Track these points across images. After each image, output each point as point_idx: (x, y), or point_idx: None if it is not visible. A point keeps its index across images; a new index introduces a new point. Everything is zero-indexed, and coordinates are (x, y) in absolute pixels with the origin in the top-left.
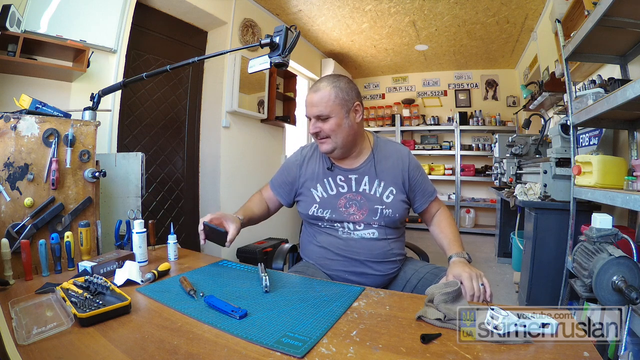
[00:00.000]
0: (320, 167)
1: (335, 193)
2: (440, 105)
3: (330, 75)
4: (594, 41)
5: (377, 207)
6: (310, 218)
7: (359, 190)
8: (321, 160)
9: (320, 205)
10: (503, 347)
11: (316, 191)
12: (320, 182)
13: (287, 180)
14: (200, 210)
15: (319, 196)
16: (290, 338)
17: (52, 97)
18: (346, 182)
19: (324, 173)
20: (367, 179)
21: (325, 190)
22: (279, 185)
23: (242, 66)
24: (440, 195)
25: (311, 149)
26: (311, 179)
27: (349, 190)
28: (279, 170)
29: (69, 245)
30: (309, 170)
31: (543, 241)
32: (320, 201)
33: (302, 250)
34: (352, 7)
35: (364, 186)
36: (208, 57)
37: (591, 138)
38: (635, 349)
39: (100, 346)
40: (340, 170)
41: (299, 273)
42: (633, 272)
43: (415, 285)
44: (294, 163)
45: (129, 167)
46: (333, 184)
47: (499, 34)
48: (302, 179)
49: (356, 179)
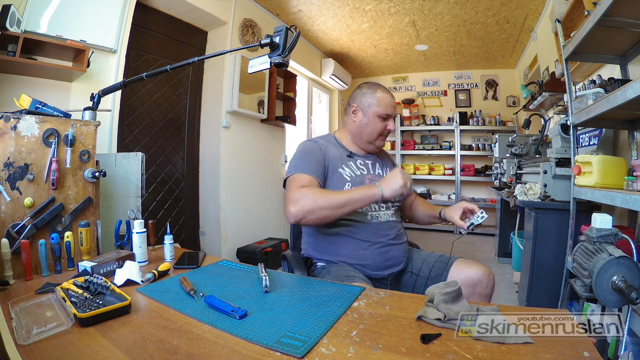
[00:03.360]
0: (342, 152)
1: (360, 174)
2: (440, 105)
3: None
4: (594, 41)
5: None
6: None
7: (375, 172)
8: (338, 147)
9: (353, 184)
10: (503, 347)
11: (344, 171)
12: (345, 164)
13: (320, 162)
14: (200, 210)
15: (349, 175)
16: (290, 338)
17: (52, 97)
18: (365, 166)
19: (345, 157)
20: (378, 164)
21: (352, 171)
22: (317, 169)
23: (242, 66)
24: (440, 195)
25: (322, 139)
26: (334, 160)
27: (369, 172)
28: (304, 158)
29: (69, 245)
30: (330, 154)
31: (543, 241)
32: (351, 180)
33: (319, 252)
34: (352, 7)
35: (378, 170)
36: (208, 57)
37: (591, 138)
38: (635, 349)
39: (100, 346)
40: (358, 156)
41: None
42: (633, 272)
43: (428, 275)
44: (314, 147)
45: (129, 167)
46: (355, 167)
47: (499, 34)
48: (326, 161)
49: (371, 164)
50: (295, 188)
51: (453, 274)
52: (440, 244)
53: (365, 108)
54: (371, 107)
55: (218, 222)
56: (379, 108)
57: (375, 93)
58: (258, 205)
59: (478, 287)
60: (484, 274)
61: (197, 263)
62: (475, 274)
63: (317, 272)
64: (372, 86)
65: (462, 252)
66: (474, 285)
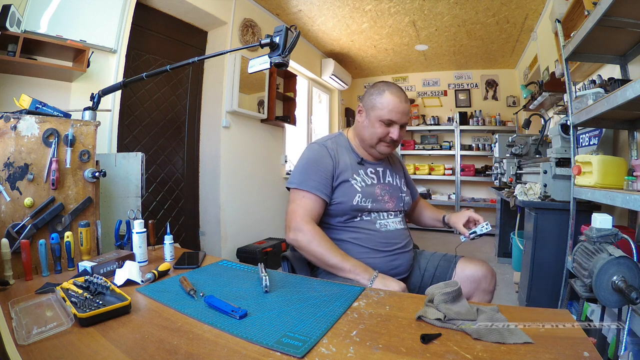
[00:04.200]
0: (353, 159)
1: (371, 183)
2: (440, 105)
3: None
4: (594, 41)
5: (400, 194)
6: (353, 209)
7: (385, 180)
8: (349, 153)
9: (363, 195)
10: (503, 347)
11: (355, 181)
12: (356, 173)
13: (327, 175)
14: (200, 210)
15: (360, 186)
16: (290, 338)
17: (52, 97)
18: (375, 174)
19: (357, 165)
20: (388, 171)
21: (363, 180)
22: (323, 184)
23: (242, 66)
24: (440, 195)
25: (333, 142)
26: (345, 170)
27: (379, 181)
28: (311, 169)
29: (69, 245)
30: (342, 162)
31: (543, 241)
32: (362, 191)
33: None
34: (352, 7)
35: (388, 177)
36: (208, 57)
37: (591, 138)
38: (635, 349)
39: (100, 346)
40: (368, 164)
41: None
42: (633, 272)
43: (433, 274)
44: (323, 155)
45: (129, 167)
46: (366, 175)
47: (499, 34)
48: (337, 171)
49: (382, 171)
50: (301, 216)
51: (459, 271)
52: (440, 244)
53: (368, 109)
54: (374, 109)
55: (218, 222)
56: (382, 112)
57: (382, 94)
58: (258, 205)
59: (482, 284)
60: (487, 271)
61: (197, 263)
62: (480, 270)
63: (319, 275)
64: (383, 86)
65: (462, 251)
66: (479, 281)
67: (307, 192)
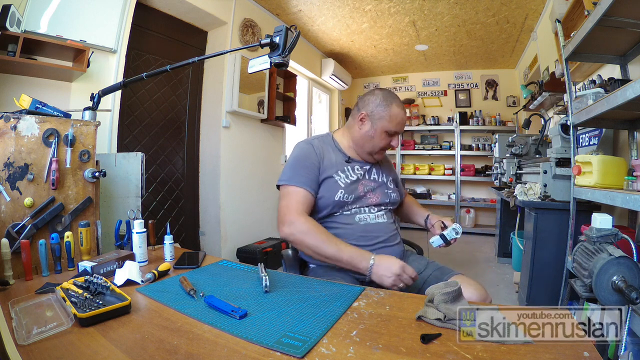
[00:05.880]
0: (339, 158)
1: (355, 179)
2: (440, 105)
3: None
4: (594, 41)
5: (386, 190)
6: (335, 205)
7: (371, 177)
8: (336, 152)
9: (346, 191)
10: (503, 347)
11: (339, 177)
12: (341, 170)
13: (314, 170)
14: (200, 210)
15: (343, 182)
16: (290, 338)
17: (52, 97)
18: (362, 170)
19: (343, 163)
20: (375, 169)
21: (347, 177)
22: (311, 179)
23: (242, 66)
24: (440, 195)
25: (320, 141)
26: (330, 167)
27: (364, 177)
28: (298, 165)
29: (69, 245)
30: (327, 159)
31: (543, 241)
32: (344, 186)
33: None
34: (352, 7)
35: (374, 175)
36: (208, 57)
37: (591, 138)
38: (635, 349)
39: (100, 346)
40: (356, 162)
41: (323, 277)
42: (633, 272)
43: (420, 288)
44: (310, 152)
45: (129, 167)
46: (352, 172)
47: (499, 34)
48: (322, 167)
49: (368, 170)
50: (294, 210)
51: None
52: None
53: (375, 120)
54: (382, 120)
55: (218, 222)
56: (390, 125)
57: (390, 107)
58: (258, 205)
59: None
60: (481, 296)
61: (197, 263)
62: (474, 295)
63: (309, 274)
64: (388, 97)
65: (462, 251)
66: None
67: (296, 187)
